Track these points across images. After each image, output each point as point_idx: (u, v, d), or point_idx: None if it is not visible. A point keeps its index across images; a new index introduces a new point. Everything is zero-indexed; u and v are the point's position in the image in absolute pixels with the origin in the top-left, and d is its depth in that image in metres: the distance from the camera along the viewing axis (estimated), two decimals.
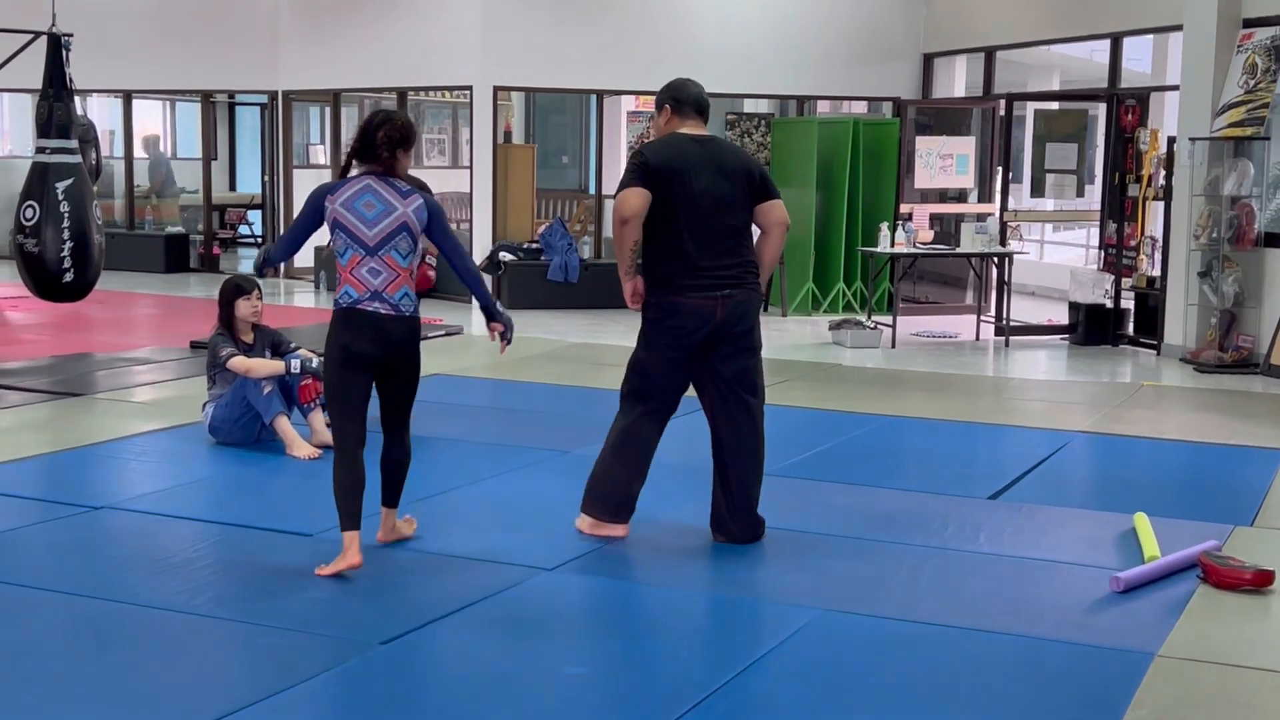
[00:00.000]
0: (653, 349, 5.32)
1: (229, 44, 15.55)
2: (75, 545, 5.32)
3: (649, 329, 5.33)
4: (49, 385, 8.53)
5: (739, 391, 5.32)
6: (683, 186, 5.18)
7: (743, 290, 5.26)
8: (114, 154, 17.04)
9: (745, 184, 5.32)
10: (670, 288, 5.23)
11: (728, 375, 5.31)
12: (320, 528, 5.47)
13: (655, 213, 5.21)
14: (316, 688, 3.91)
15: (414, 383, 5.11)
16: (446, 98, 17.17)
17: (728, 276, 5.23)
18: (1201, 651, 4.30)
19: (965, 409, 8.37)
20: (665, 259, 5.24)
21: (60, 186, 10.99)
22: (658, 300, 5.27)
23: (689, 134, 5.33)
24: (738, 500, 5.35)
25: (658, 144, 5.34)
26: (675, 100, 5.37)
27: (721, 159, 5.31)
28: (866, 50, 14.32)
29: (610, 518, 5.38)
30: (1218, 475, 6.82)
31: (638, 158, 5.26)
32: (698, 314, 5.20)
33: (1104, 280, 11.67)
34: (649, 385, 5.35)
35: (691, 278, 5.19)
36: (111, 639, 4.33)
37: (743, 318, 5.27)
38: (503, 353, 5.38)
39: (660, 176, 5.17)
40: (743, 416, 5.33)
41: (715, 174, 5.24)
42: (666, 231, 5.22)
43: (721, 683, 3.97)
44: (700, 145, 5.30)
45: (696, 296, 5.19)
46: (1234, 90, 10.38)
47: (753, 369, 5.36)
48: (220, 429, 6.90)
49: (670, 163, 5.20)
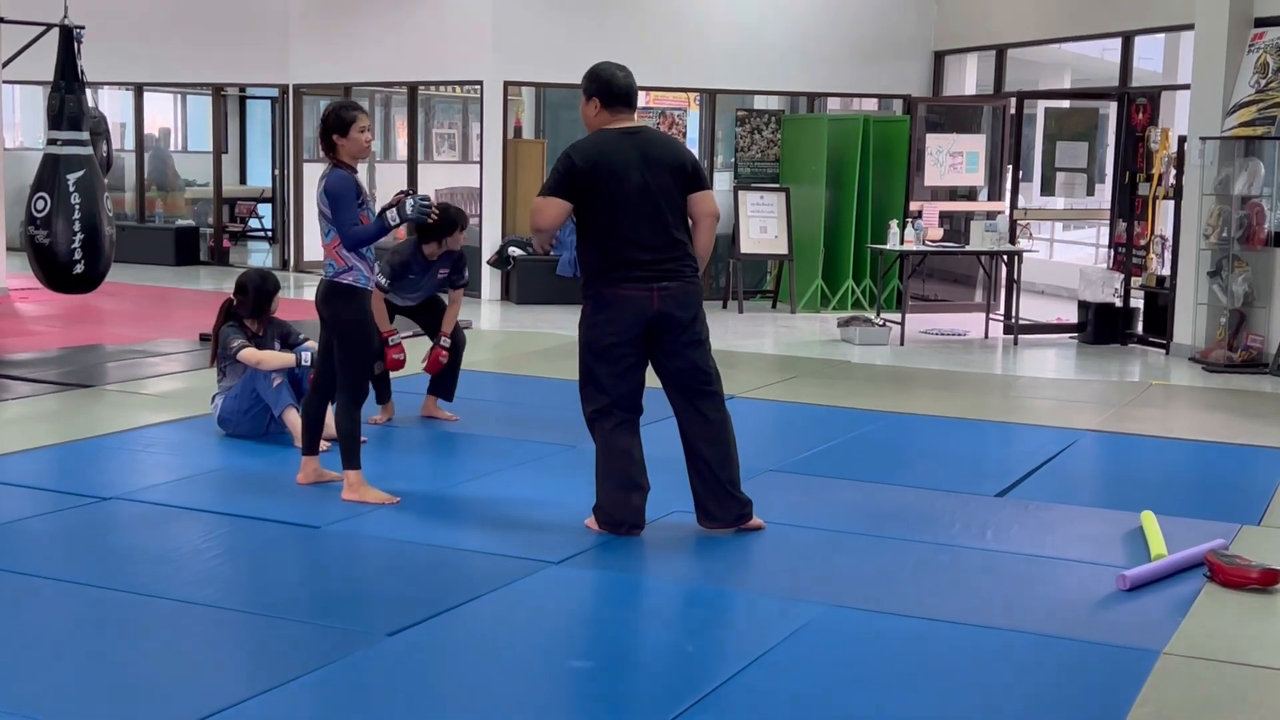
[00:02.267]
0: (591, 346, 5.32)
1: (240, 37, 15.57)
2: (84, 535, 5.33)
3: (585, 324, 5.34)
4: (59, 376, 8.55)
5: (693, 384, 5.32)
6: (614, 183, 5.19)
7: (679, 282, 5.25)
8: (125, 147, 17.07)
9: (678, 175, 5.30)
10: (605, 280, 5.25)
11: (677, 374, 5.32)
12: (328, 520, 5.48)
13: (588, 209, 5.24)
14: (323, 679, 3.92)
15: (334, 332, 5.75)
16: (457, 92, 17.19)
17: (663, 269, 5.22)
18: (1207, 650, 4.30)
19: (973, 407, 8.36)
20: (600, 253, 5.26)
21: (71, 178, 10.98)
22: (594, 293, 5.30)
23: (619, 128, 5.31)
24: (709, 482, 5.35)
25: (586, 143, 5.32)
26: (606, 93, 5.32)
27: (653, 151, 5.29)
28: (877, 47, 14.31)
29: (620, 531, 5.36)
30: (1225, 474, 6.81)
31: (564, 160, 5.25)
32: (633, 305, 5.21)
33: (1113, 279, 11.65)
34: (602, 390, 5.33)
35: (626, 269, 5.21)
36: (119, 629, 4.35)
37: (682, 309, 5.25)
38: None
39: (590, 177, 5.18)
40: (704, 402, 5.33)
41: (646, 167, 5.23)
42: (600, 226, 5.24)
43: (726, 677, 3.98)
44: (630, 138, 5.29)
45: (631, 288, 5.20)
46: (1245, 90, 10.36)
47: (702, 363, 5.34)
48: (229, 421, 6.92)
49: (599, 161, 5.20)
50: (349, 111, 5.78)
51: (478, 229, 13.82)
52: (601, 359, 5.31)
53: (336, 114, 5.77)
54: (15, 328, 10.92)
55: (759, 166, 13.99)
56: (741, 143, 13.97)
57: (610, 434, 5.34)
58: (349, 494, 5.76)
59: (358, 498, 5.73)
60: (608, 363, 5.30)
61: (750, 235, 13.23)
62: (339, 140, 5.72)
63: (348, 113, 5.76)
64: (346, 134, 5.71)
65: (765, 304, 13.74)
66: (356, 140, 5.73)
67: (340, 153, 5.74)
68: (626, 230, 5.21)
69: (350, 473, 5.79)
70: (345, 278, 5.70)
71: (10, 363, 9.07)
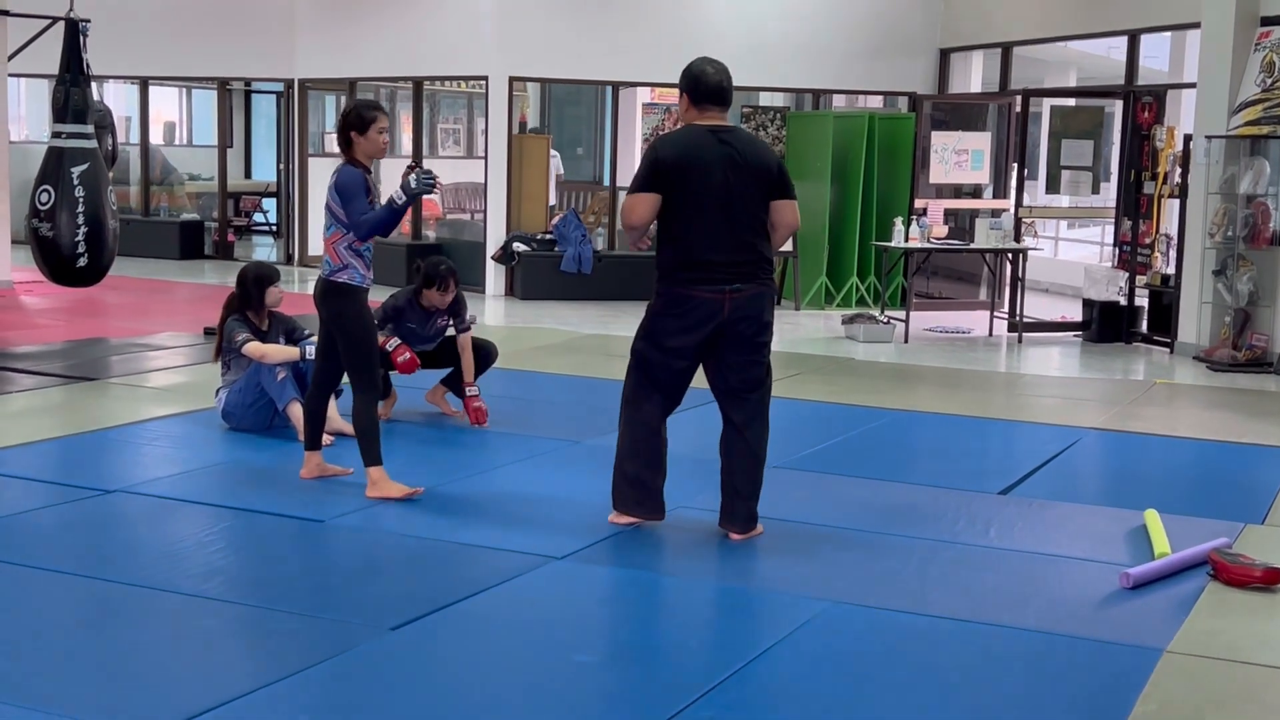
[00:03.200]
0: (653, 339, 5.27)
1: (246, 32, 15.58)
2: (88, 528, 5.34)
3: (652, 318, 5.28)
4: (63, 369, 8.56)
5: (740, 391, 5.28)
6: (696, 180, 5.12)
7: (752, 285, 5.18)
8: (130, 140, 17.08)
9: (763, 179, 5.23)
10: (677, 279, 5.18)
11: (737, 384, 5.27)
12: (332, 514, 5.49)
13: (667, 205, 5.17)
14: (326, 672, 3.92)
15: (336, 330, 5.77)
16: (462, 88, 17.18)
17: (737, 271, 5.16)
18: (1210, 648, 4.30)
19: (977, 404, 8.36)
20: (674, 250, 5.19)
21: (76, 171, 11.00)
22: (664, 290, 5.23)
23: (707, 125, 5.24)
24: (730, 496, 5.32)
25: (673, 136, 5.29)
26: (695, 90, 5.26)
27: (739, 153, 5.20)
28: (883, 45, 14.30)
29: (638, 513, 5.37)
30: (1229, 473, 6.81)
31: (651, 152, 5.23)
32: (703, 307, 5.15)
33: (1118, 277, 11.65)
34: (650, 380, 5.31)
35: (700, 271, 5.14)
36: (123, 621, 4.35)
37: (753, 316, 5.19)
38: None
39: (672, 171, 5.13)
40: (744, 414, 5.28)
41: (731, 168, 5.16)
42: (677, 223, 5.18)
43: (729, 673, 3.98)
44: (717, 137, 5.21)
45: (703, 290, 5.14)
46: (1251, 88, 10.35)
47: (763, 376, 5.30)
48: (234, 414, 6.92)
49: (683, 157, 5.15)
50: (370, 111, 5.74)
51: (482, 224, 13.82)
52: (659, 353, 5.26)
53: (357, 112, 5.74)
54: (19, 320, 10.93)
55: None
56: None
57: (645, 416, 5.31)
58: (372, 491, 5.72)
59: (381, 494, 5.71)
60: (665, 358, 5.25)
61: None
62: (356, 138, 5.69)
63: (369, 112, 5.73)
64: (365, 133, 5.68)
65: None
66: (374, 140, 5.69)
67: (356, 150, 5.71)
68: (704, 230, 5.13)
69: (372, 470, 5.75)
70: (340, 276, 5.69)
71: (14, 355, 9.08)
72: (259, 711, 3.64)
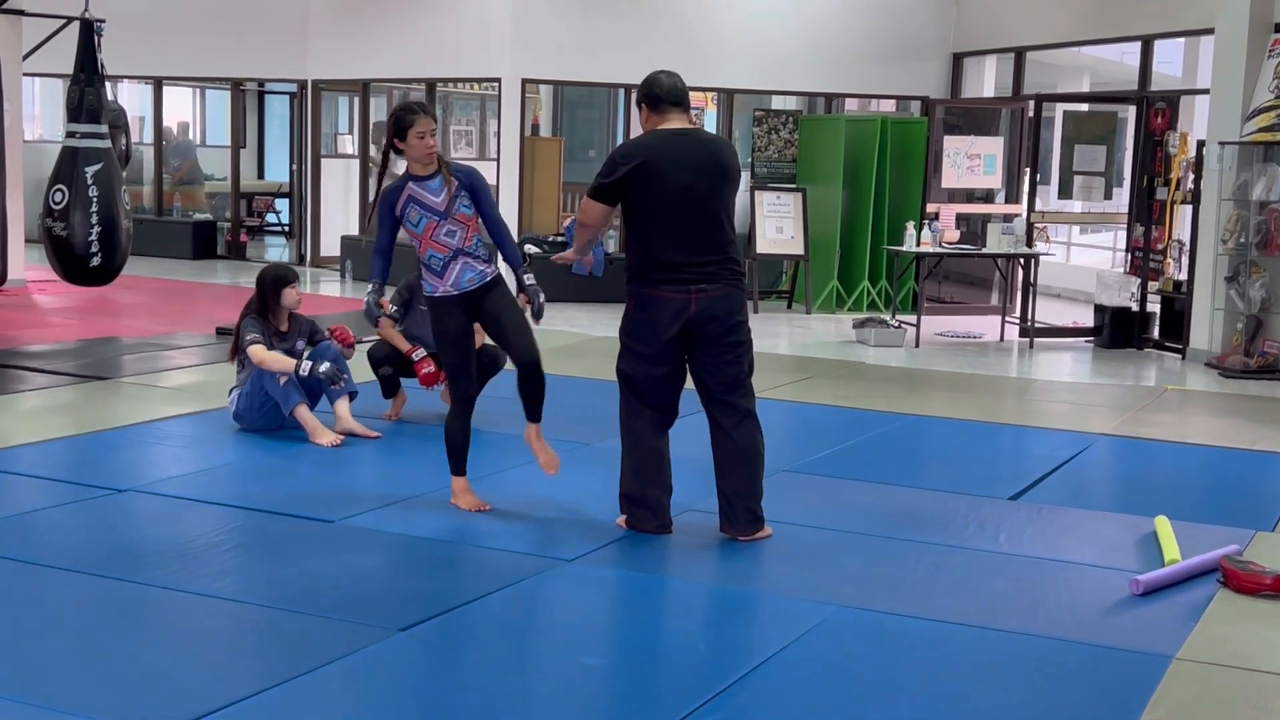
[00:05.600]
0: (627, 346, 5.29)
1: (259, 32, 15.61)
2: (99, 527, 5.36)
3: (623, 321, 5.31)
4: (75, 368, 8.59)
5: (724, 395, 5.27)
6: (658, 181, 5.13)
7: (719, 285, 5.18)
8: (144, 140, 17.12)
9: (724, 176, 5.26)
10: (645, 280, 5.21)
11: (710, 381, 5.27)
12: (342, 514, 5.50)
13: (632, 207, 5.21)
14: (335, 672, 3.93)
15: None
16: (475, 89, 17.20)
17: (703, 271, 5.16)
18: (1220, 655, 4.29)
19: (988, 409, 8.35)
20: (641, 252, 5.22)
21: (89, 171, 11.04)
22: (633, 290, 5.26)
23: (669, 128, 5.26)
24: (728, 500, 5.31)
25: (633, 141, 5.34)
26: (650, 97, 5.28)
27: (701, 152, 5.23)
28: (896, 49, 14.29)
29: (646, 529, 5.36)
30: (1240, 480, 6.80)
31: (609, 161, 5.25)
32: (669, 306, 5.15)
33: (1130, 283, 11.62)
34: (638, 397, 5.31)
35: (665, 271, 5.16)
36: (134, 621, 4.37)
37: (721, 315, 5.18)
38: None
39: (632, 175, 5.14)
40: (731, 417, 5.27)
41: (693, 168, 5.17)
42: (641, 225, 5.21)
43: (736, 677, 3.98)
44: (681, 138, 5.24)
45: (669, 289, 5.15)
46: (1264, 95, 10.33)
47: (734, 374, 5.27)
48: (244, 416, 6.94)
49: (643, 161, 5.15)
50: (407, 115, 5.43)
51: None
52: (639, 359, 5.27)
53: (396, 118, 5.47)
54: (33, 319, 10.96)
55: (776, 166, 13.98)
56: (759, 143, 13.96)
57: (640, 433, 5.32)
58: (452, 499, 5.72)
59: (454, 503, 5.68)
60: (644, 364, 5.26)
61: (766, 235, 13.22)
62: (401, 146, 5.45)
63: (406, 116, 5.44)
64: (405, 140, 5.42)
65: (781, 304, 13.73)
66: (415, 146, 5.40)
67: (407, 158, 5.50)
68: (667, 230, 5.15)
69: (453, 480, 5.72)
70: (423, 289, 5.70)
71: (27, 354, 9.11)
72: (268, 711, 3.65)
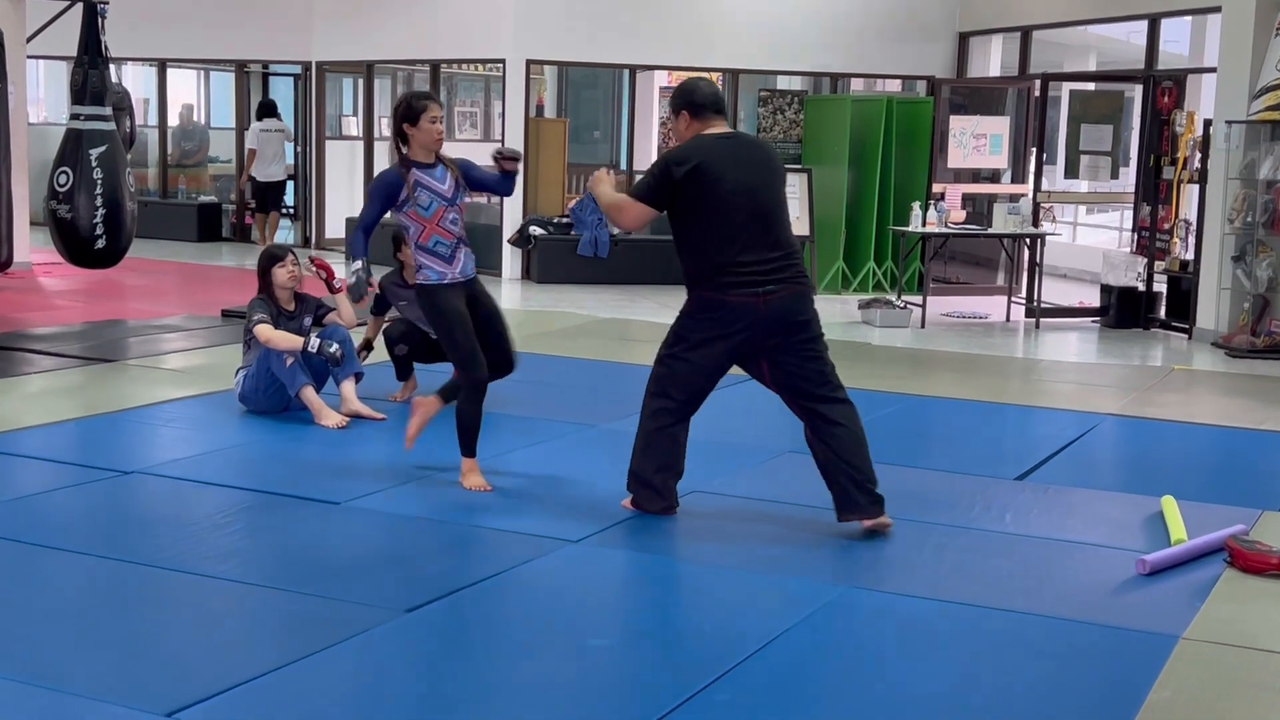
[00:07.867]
0: (687, 346, 5.20)
1: (264, 14, 15.58)
2: (105, 509, 5.37)
3: (688, 323, 5.21)
4: (81, 351, 8.59)
5: (814, 390, 5.18)
6: (711, 186, 5.07)
7: (786, 285, 5.12)
8: (148, 123, 17.10)
9: (780, 175, 5.27)
10: (710, 285, 5.11)
11: (794, 380, 5.18)
12: (348, 496, 5.50)
13: (686, 215, 5.13)
14: (341, 654, 3.93)
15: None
16: (479, 71, 17.17)
17: (768, 271, 5.09)
18: (1227, 635, 4.29)
19: (994, 390, 8.35)
20: (702, 258, 5.13)
21: (94, 153, 11.01)
22: (698, 295, 5.17)
23: (714, 133, 5.22)
24: (852, 482, 5.17)
25: (683, 147, 5.21)
26: (691, 104, 5.24)
27: (752, 153, 5.23)
28: (902, 28, 14.25)
29: (652, 509, 5.35)
30: (1247, 460, 6.79)
31: (660, 165, 5.18)
32: (741, 312, 5.07)
33: (1136, 263, 11.60)
34: (676, 385, 5.25)
35: (731, 275, 5.07)
36: (139, 602, 4.37)
37: (793, 313, 5.12)
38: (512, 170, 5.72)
39: (691, 175, 5.07)
40: (829, 408, 5.18)
41: (744, 168, 5.14)
42: (700, 232, 5.13)
43: (744, 657, 3.98)
44: (729, 140, 5.22)
45: (738, 294, 5.06)
46: (1272, 73, 10.28)
47: (819, 367, 5.20)
48: (249, 397, 6.94)
49: (698, 165, 5.08)
50: (420, 101, 5.59)
51: (499, 208, 13.81)
52: (689, 354, 5.19)
53: (408, 102, 5.59)
54: (38, 302, 10.97)
55: (781, 147, 13.94)
56: (764, 123, 13.92)
57: (662, 416, 5.27)
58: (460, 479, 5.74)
59: (461, 482, 5.71)
60: (693, 360, 5.19)
61: None
62: (410, 130, 5.56)
63: (419, 101, 5.58)
64: (417, 124, 5.55)
65: None
66: (428, 130, 5.54)
67: (413, 144, 5.59)
68: (728, 234, 5.07)
69: (463, 460, 5.74)
70: (418, 277, 5.68)
71: (33, 337, 9.11)
72: (275, 693, 3.65)
